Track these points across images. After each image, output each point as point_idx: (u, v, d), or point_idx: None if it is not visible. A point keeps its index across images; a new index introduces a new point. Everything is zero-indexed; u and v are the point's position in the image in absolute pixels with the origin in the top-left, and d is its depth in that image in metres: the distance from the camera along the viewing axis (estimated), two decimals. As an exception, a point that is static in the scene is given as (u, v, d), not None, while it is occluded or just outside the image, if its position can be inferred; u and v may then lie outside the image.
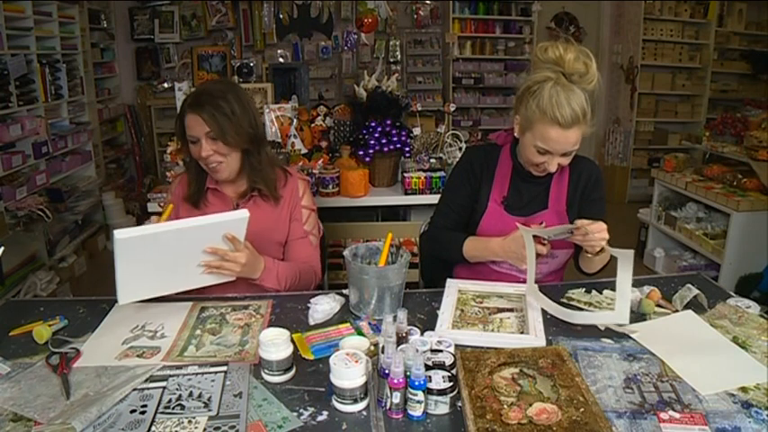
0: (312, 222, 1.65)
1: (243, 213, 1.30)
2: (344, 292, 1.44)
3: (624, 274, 1.24)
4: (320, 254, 1.68)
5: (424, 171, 2.58)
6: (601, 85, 1.37)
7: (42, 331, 1.23)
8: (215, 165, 1.48)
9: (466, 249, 1.56)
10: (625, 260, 1.23)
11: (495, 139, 1.63)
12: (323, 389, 1.06)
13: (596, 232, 1.30)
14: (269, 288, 1.48)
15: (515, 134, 1.48)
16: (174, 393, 1.05)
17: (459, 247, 1.56)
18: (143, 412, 0.99)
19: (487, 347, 1.16)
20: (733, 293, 1.46)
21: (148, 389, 1.06)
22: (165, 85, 5.26)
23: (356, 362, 1.01)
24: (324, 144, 2.85)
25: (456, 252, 1.57)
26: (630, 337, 1.24)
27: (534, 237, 1.36)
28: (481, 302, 1.40)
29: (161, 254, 1.26)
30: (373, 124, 2.55)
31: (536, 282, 1.41)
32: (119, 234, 1.18)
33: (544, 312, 1.32)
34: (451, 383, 1.00)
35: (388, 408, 0.99)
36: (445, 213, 1.65)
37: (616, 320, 1.26)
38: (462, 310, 1.35)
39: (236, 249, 1.35)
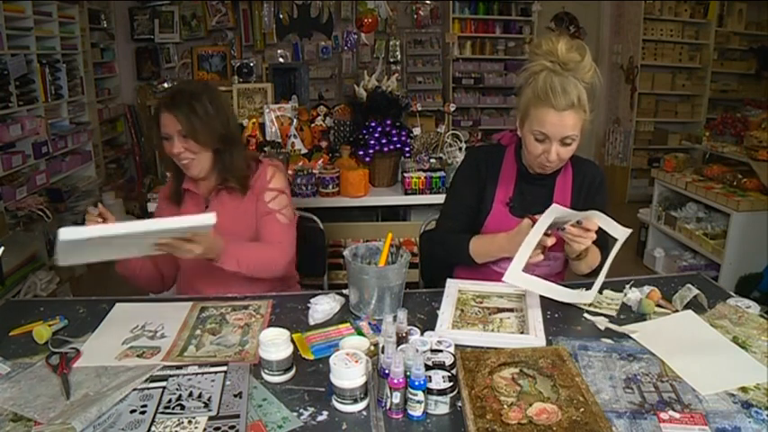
0: (280, 202, 1.60)
1: (208, 220, 1.25)
2: (344, 292, 1.44)
3: (612, 256, 1.33)
4: (296, 237, 1.62)
5: (424, 171, 2.57)
6: (600, 79, 1.38)
7: (42, 331, 1.23)
8: (186, 161, 1.51)
9: (472, 248, 1.51)
10: (621, 241, 1.33)
11: (500, 138, 1.63)
12: (323, 389, 1.06)
13: (581, 234, 1.32)
14: (229, 270, 1.45)
15: (518, 132, 1.48)
16: (174, 393, 1.05)
17: (465, 248, 1.52)
18: (143, 412, 0.99)
19: (487, 347, 1.16)
20: (733, 293, 1.46)
21: (148, 389, 1.06)
22: (165, 85, 5.23)
23: (356, 362, 1.01)
24: (324, 144, 2.85)
25: (462, 253, 1.53)
26: (630, 337, 1.24)
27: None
28: (481, 302, 1.40)
29: (112, 244, 1.23)
30: (373, 124, 2.55)
31: None
32: (63, 235, 1.09)
33: (544, 312, 1.32)
34: (451, 383, 1.00)
35: (388, 408, 0.99)
36: (453, 216, 1.60)
37: (584, 299, 1.37)
38: (462, 310, 1.35)
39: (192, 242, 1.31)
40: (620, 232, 1.35)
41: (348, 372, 0.99)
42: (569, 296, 1.37)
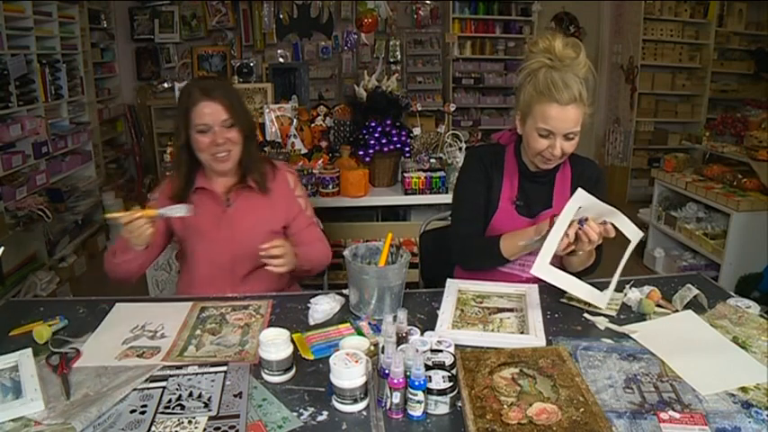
0: (312, 209, 1.70)
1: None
2: (344, 292, 1.44)
3: (625, 259, 1.35)
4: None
5: (424, 171, 2.58)
6: (594, 74, 1.41)
7: (42, 331, 1.23)
8: (225, 154, 1.48)
9: (503, 248, 1.47)
10: (634, 243, 1.35)
11: (499, 138, 1.62)
12: (323, 389, 1.06)
13: (602, 233, 1.32)
14: (305, 269, 1.57)
15: (518, 131, 1.48)
16: (174, 393, 1.05)
17: (497, 249, 1.47)
18: (143, 412, 0.99)
19: (487, 347, 1.16)
20: (733, 293, 1.46)
21: (148, 389, 1.06)
22: (165, 85, 5.25)
23: (356, 362, 1.01)
24: (324, 144, 2.85)
25: (496, 255, 1.48)
26: (630, 337, 1.24)
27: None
28: (481, 302, 1.40)
29: None
30: (373, 124, 2.55)
31: (534, 282, 1.40)
32: None
33: (544, 312, 1.32)
34: (451, 383, 1.00)
35: (388, 408, 0.99)
36: (469, 219, 1.56)
37: (598, 302, 1.35)
38: (462, 310, 1.35)
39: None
40: (633, 234, 1.35)
41: (348, 372, 0.99)
42: (588, 293, 1.36)
